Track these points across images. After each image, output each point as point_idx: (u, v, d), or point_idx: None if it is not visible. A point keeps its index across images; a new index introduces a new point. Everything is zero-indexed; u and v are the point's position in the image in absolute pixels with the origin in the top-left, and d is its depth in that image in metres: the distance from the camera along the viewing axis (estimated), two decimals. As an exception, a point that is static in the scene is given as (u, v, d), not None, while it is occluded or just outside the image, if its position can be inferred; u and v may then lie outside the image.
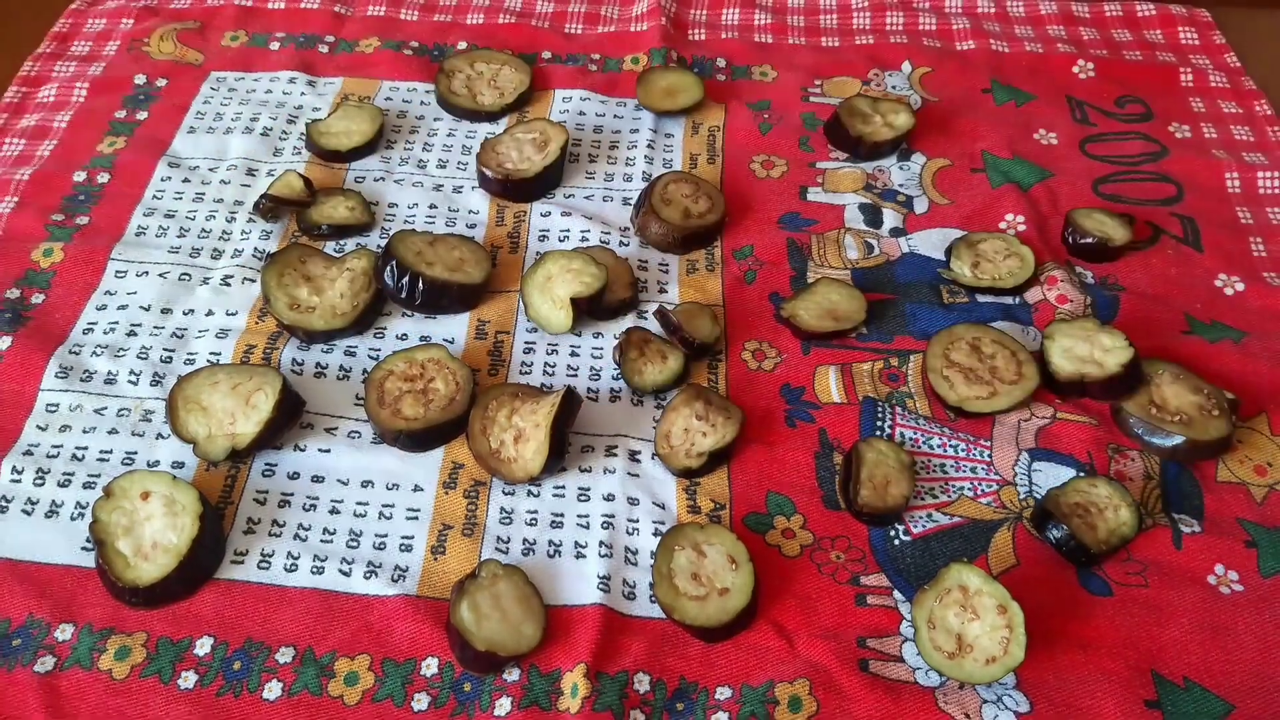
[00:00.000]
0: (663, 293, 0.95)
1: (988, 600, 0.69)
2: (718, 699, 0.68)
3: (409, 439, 0.81)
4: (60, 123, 1.11)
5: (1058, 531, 0.75)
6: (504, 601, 0.70)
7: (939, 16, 1.28)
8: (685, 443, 0.81)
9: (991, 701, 0.68)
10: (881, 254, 0.98)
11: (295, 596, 0.73)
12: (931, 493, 0.80)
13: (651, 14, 1.26)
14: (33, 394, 0.85)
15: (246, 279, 0.94)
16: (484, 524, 0.77)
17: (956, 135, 1.11)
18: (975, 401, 0.84)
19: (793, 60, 1.22)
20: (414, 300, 0.89)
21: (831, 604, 0.73)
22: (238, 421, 0.80)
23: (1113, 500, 0.77)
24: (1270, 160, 1.08)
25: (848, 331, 0.90)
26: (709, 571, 0.72)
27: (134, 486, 0.75)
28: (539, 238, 0.99)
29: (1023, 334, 0.91)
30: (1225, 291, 0.95)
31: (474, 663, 0.68)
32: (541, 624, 0.70)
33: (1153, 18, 1.29)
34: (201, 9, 1.26)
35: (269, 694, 0.68)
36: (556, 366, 0.88)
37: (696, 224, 0.97)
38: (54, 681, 0.68)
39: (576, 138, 1.10)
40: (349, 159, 1.07)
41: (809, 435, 0.83)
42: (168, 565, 0.71)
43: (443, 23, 1.26)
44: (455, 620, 0.69)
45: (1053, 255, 0.97)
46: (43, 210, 1.00)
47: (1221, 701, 0.68)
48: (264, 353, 0.88)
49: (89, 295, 0.93)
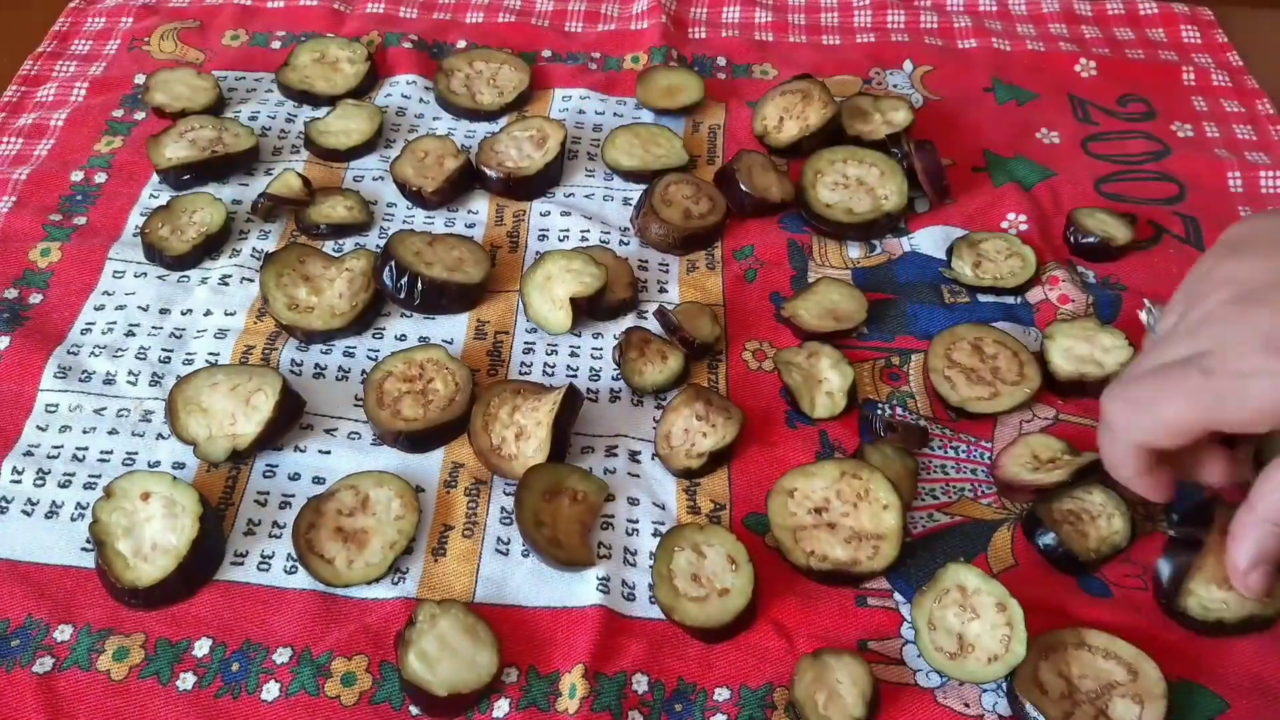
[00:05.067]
0: (663, 292, 0.95)
1: (986, 599, 0.69)
2: (716, 700, 0.68)
3: (409, 440, 0.81)
4: (58, 121, 1.10)
5: (1047, 538, 0.75)
6: (451, 640, 0.68)
7: (940, 14, 1.28)
8: (685, 443, 0.80)
9: (990, 690, 0.68)
10: (883, 253, 0.98)
11: (294, 598, 0.73)
12: (932, 493, 0.80)
13: (652, 12, 1.26)
14: (32, 394, 0.85)
15: (245, 279, 0.94)
16: (484, 524, 0.77)
17: (958, 134, 1.11)
18: (977, 402, 0.83)
19: (793, 58, 1.21)
20: (413, 300, 0.89)
21: (831, 605, 0.73)
22: (238, 422, 0.80)
23: (1106, 508, 0.76)
24: (1273, 159, 1.08)
25: (849, 331, 0.90)
26: (709, 572, 0.72)
27: (134, 487, 0.75)
28: (538, 237, 0.99)
29: (1024, 334, 0.90)
30: (1227, 291, 0.95)
31: (442, 709, 0.66)
32: (496, 647, 0.68)
33: (1155, 16, 1.29)
34: (201, 8, 1.26)
35: (267, 695, 0.68)
36: (556, 367, 0.88)
37: (697, 225, 0.97)
38: (52, 682, 0.68)
39: (576, 136, 1.10)
40: (348, 158, 1.07)
41: (809, 436, 0.83)
42: (167, 566, 0.71)
43: (442, 20, 1.26)
44: (408, 675, 0.66)
45: (1054, 255, 0.97)
46: (40, 210, 1.00)
47: (1217, 699, 0.68)
48: (263, 353, 0.88)
49: (87, 295, 0.93)
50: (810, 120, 1.05)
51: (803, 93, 1.07)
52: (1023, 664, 0.66)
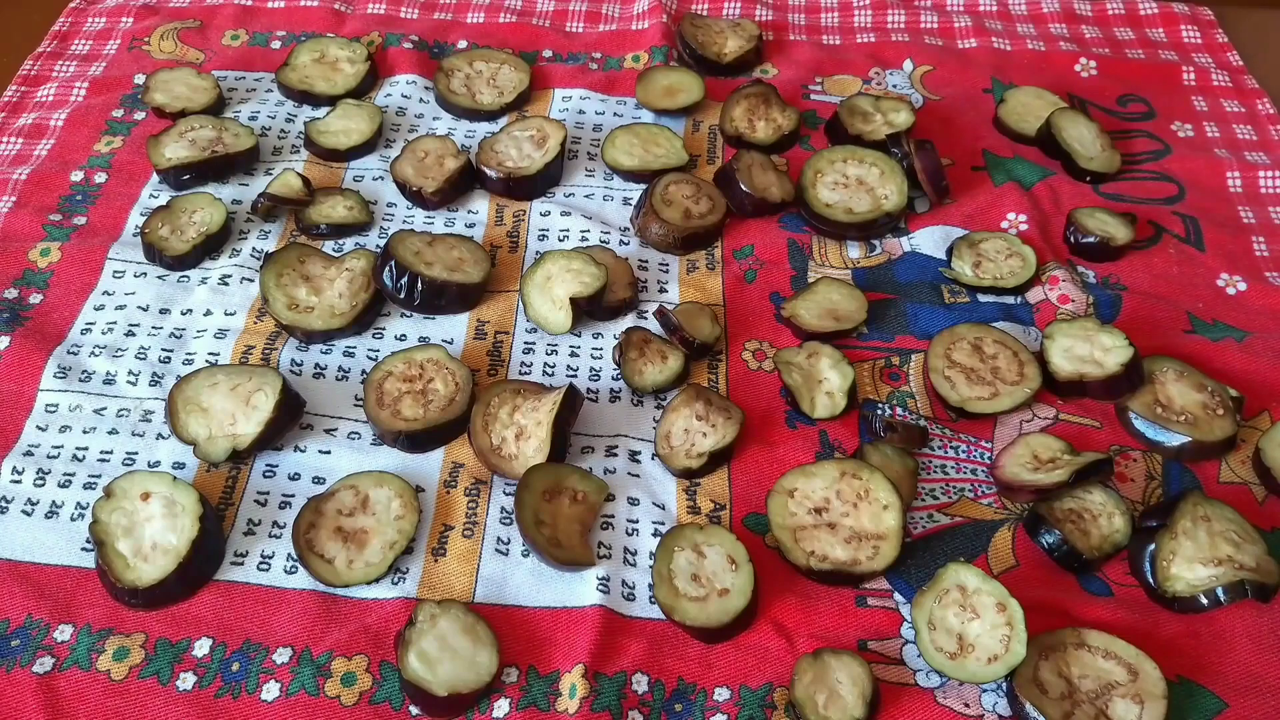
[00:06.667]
0: (663, 292, 0.95)
1: (987, 599, 0.69)
2: (716, 700, 0.68)
3: (409, 440, 0.81)
4: (58, 121, 1.10)
5: (1050, 537, 0.75)
6: (451, 640, 0.68)
7: (940, 14, 1.28)
8: (685, 443, 0.80)
9: (990, 690, 0.68)
10: (883, 253, 0.98)
11: (294, 598, 0.73)
12: (932, 494, 0.80)
13: (653, 12, 1.25)
14: (32, 394, 0.85)
15: (245, 279, 0.94)
16: (484, 524, 0.77)
17: (958, 134, 1.11)
18: (977, 402, 0.83)
19: (794, 58, 1.21)
20: (413, 300, 0.89)
21: (831, 605, 0.73)
22: (238, 422, 0.80)
23: (1106, 508, 0.76)
24: (1272, 159, 1.08)
25: (849, 331, 0.90)
26: (709, 572, 0.72)
27: (134, 487, 0.75)
28: (538, 237, 0.99)
29: (1024, 334, 0.90)
30: (1227, 291, 0.95)
31: (442, 709, 0.66)
32: (496, 647, 0.69)
33: (1155, 16, 1.29)
34: (201, 8, 1.26)
35: (267, 695, 0.68)
36: (556, 367, 0.88)
37: (697, 225, 0.97)
38: (52, 682, 0.68)
39: (576, 136, 1.10)
40: (348, 158, 1.07)
41: (809, 436, 0.83)
42: (167, 566, 0.71)
43: (443, 20, 1.26)
44: (408, 675, 0.66)
45: (1054, 254, 0.97)
46: (40, 210, 1.00)
47: (1215, 699, 0.68)
48: (263, 353, 0.88)
49: (87, 295, 0.93)
50: (781, 123, 1.08)
51: (761, 96, 1.09)
52: (1023, 664, 0.66)
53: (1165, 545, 0.73)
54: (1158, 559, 0.72)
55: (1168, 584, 0.72)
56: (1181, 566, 0.72)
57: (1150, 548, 0.73)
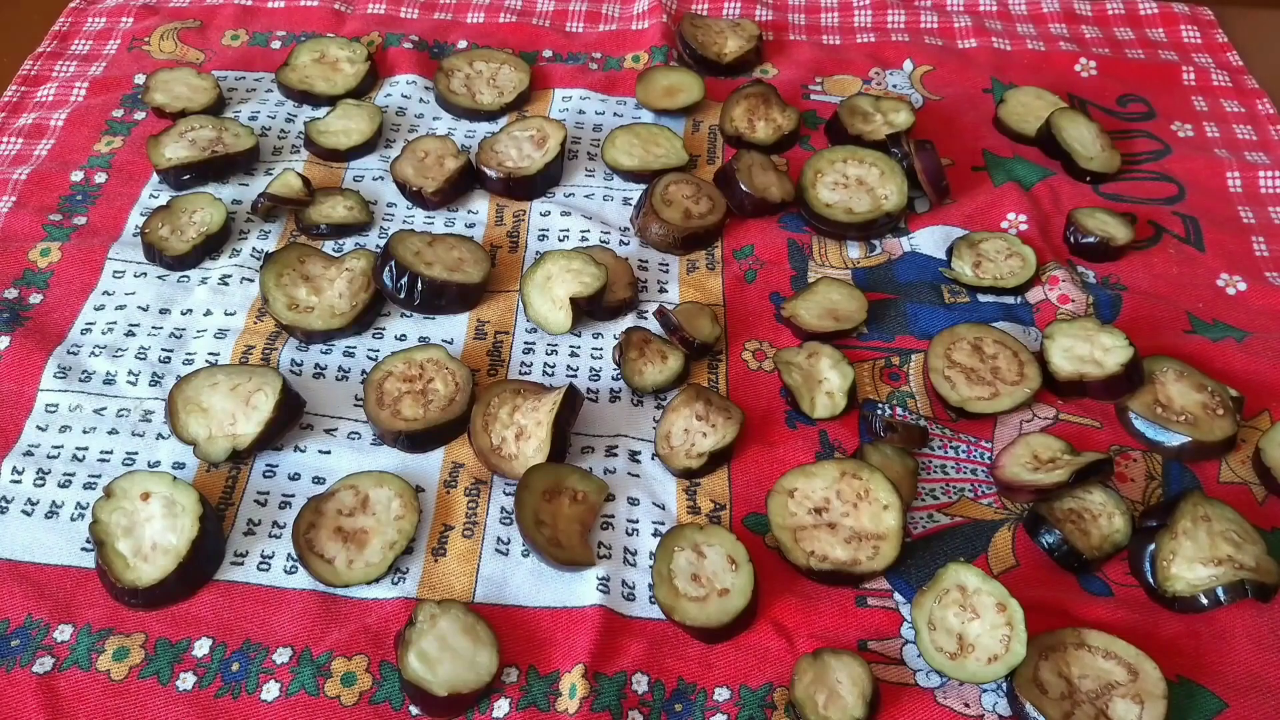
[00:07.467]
0: (663, 292, 0.95)
1: (987, 599, 0.69)
2: (716, 700, 0.68)
3: (409, 440, 0.81)
4: (58, 121, 1.10)
5: (1050, 537, 0.75)
6: (451, 640, 0.68)
7: (940, 14, 1.28)
8: (685, 443, 0.80)
9: (990, 690, 0.68)
10: (883, 253, 0.98)
11: (294, 598, 0.73)
12: (932, 494, 0.80)
13: (653, 11, 1.26)
14: (32, 394, 0.85)
15: (245, 279, 0.94)
16: (484, 524, 0.77)
17: (958, 134, 1.11)
18: (977, 402, 0.83)
19: (794, 58, 1.21)
20: (413, 300, 0.89)
21: (831, 605, 0.73)
22: (238, 422, 0.80)
23: (1106, 508, 0.76)
24: (1272, 159, 1.08)
25: (849, 331, 0.90)
26: (709, 572, 0.72)
27: (134, 487, 0.75)
28: (538, 237, 0.99)
29: (1024, 334, 0.90)
30: (1227, 291, 0.95)
31: (442, 709, 0.66)
32: (496, 647, 0.69)
33: (1155, 16, 1.29)
34: (201, 8, 1.26)
35: (267, 695, 0.68)
36: (556, 367, 0.88)
37: (697, 225, 0.97)
38: (52, 682, 0.68)
39: (576, 136, 1.10)
40: (348, 158, 1.07)
41: (809, 436, 0.83)
42: (167, 567, 0.71)
43: (443, 21, 1.26)
44: (408, 675, 0.66)
45: (1054, 255, 0.97)
46: (40, 210, 1.00)
47: (1215, 699, 0.68)
48: (263, 353, 0.88)
49: (87, 295, 0.93)
50: (781, 123, 1.08)
51: (761, 96, 1.09)
52: (1023, 664, 0.66)
53: (1165, 545, 0.73)
54: (1158, 559, 0.72)
55: (1168, 584, 0.72)
56: (1181, 566, 0.72)
57: (1150, 548, 0.73)
